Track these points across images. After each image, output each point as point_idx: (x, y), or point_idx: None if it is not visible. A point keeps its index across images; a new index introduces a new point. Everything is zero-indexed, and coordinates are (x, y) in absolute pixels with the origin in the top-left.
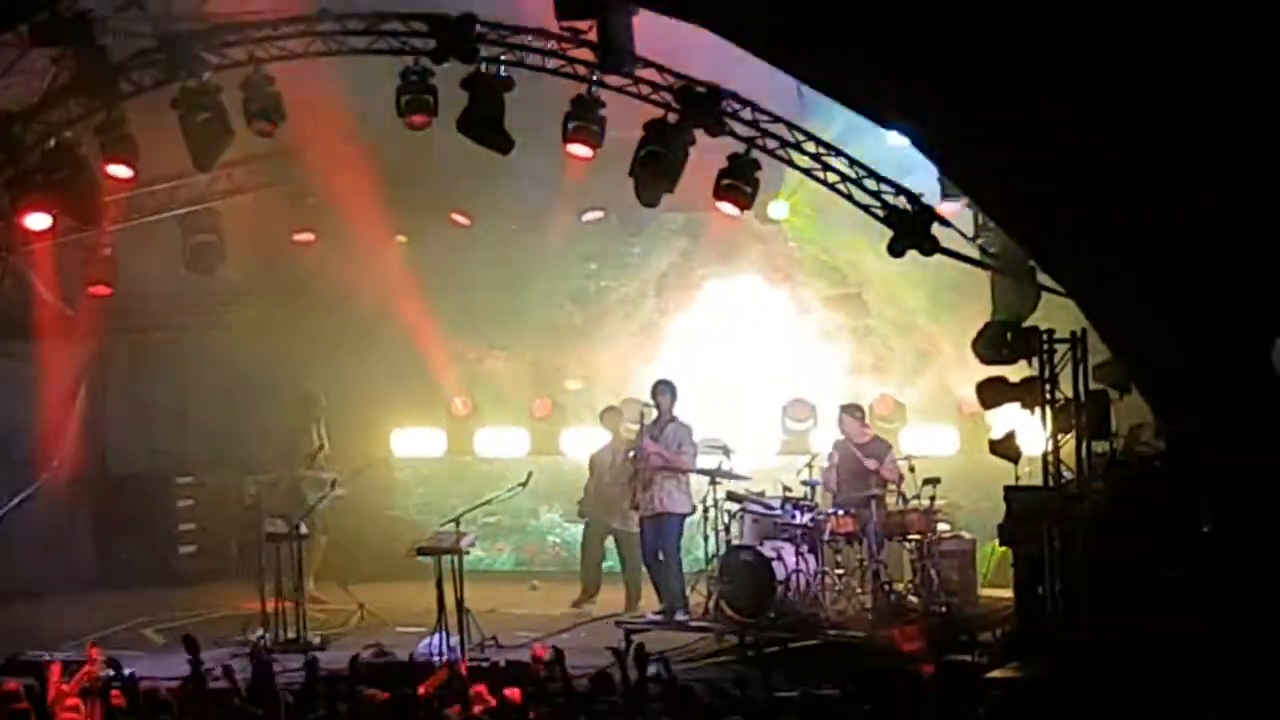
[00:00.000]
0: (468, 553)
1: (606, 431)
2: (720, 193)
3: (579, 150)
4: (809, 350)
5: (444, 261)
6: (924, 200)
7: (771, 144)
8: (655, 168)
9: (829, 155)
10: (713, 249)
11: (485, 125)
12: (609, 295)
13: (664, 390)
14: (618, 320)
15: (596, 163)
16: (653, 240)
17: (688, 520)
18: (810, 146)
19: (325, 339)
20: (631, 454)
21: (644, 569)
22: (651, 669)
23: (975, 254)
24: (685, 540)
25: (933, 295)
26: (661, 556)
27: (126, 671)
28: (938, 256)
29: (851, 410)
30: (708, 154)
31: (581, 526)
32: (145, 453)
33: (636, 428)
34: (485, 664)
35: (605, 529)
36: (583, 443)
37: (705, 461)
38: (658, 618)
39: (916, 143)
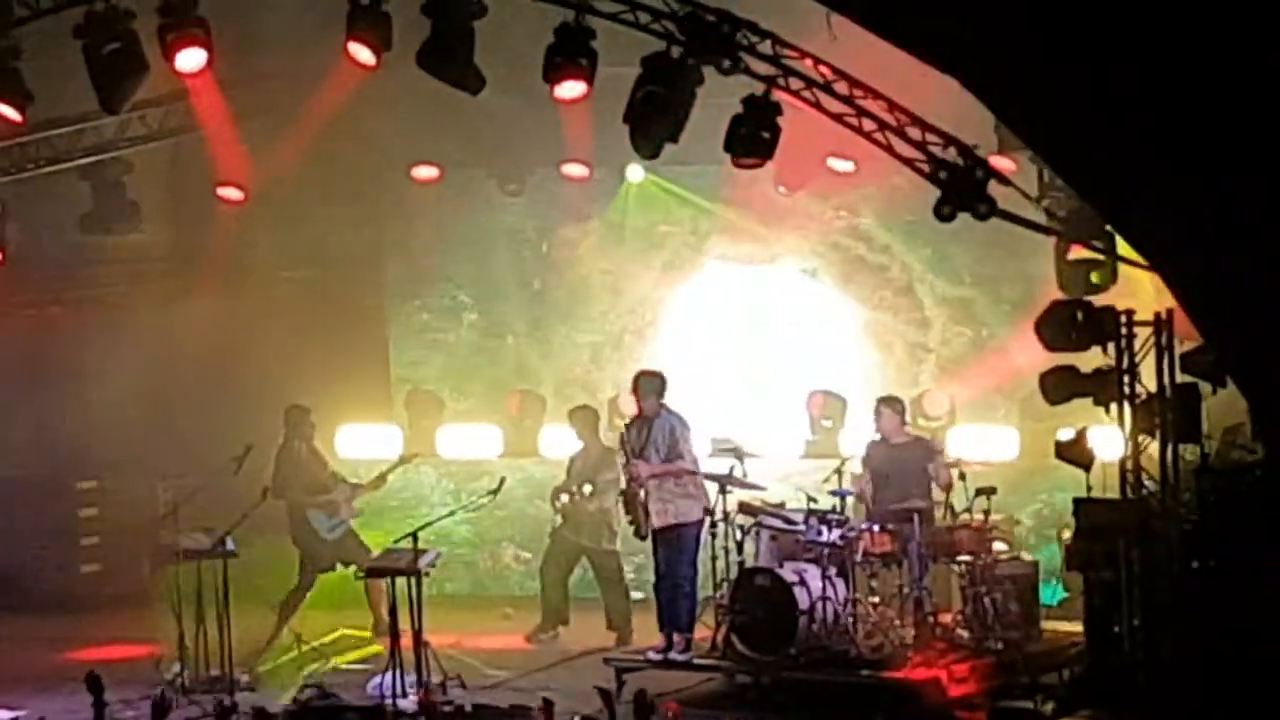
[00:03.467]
0: (427, 574)
1: (578, 437)
2: (734, 144)
3: (566, 90)
4: (837, 335)
5: (402, 223)
6: (978, 153)
7: (796, 84)
8: (655, 112)
9: (865, 98)
10: (723, 213)
11: (451, 59)
12: (599, 265)
13: (647, 385)
14: (610, 296)
15: (585, 108)
16: (651, 200)
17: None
18: (842, 88)
19: (255, 315)
20: (625, 483)
21: (636, 593)
22: None
23: (1040, 218)
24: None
25: (986, 269)
26: (667, 572)
27: (15, 714)
28: (994, 221)
29: (891, 404)
30: (717, 97)
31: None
32: (40, 451)
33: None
34: (448, 709)
35: (575, 546)
36: (566, 442)
37: (714, 466)
38: (658, 656)
39: (969, 83)
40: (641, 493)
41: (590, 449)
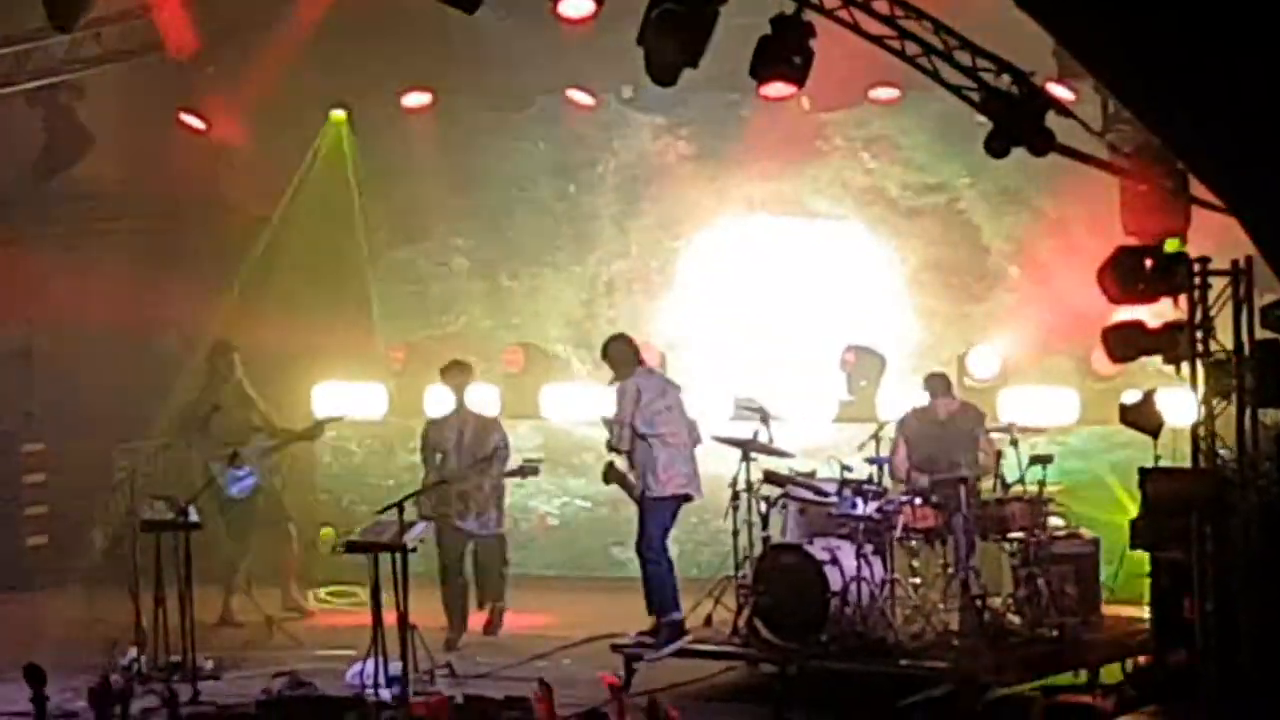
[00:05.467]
0: (414, 549)
1: (450, 394)
2: (761, 68)
3: (572, 7)
4: (875, 284)
5: (391, 155)
6: (1035, 80)
7: (831, 3)
8: (672, 33)
9: (908, 18)
10: (749, 144)
11: None
12: (608, 203)
13: (614, 350)
14: (621, 239)
15: (593, 27)
16: (669, 130)
17: (696, 507)
18: (882, 6)
19: (225, 258)
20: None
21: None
22: None
23: (1104, 154)
24: (706, 535)
25: (1044, 209)
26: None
27: None
28: (1053, 157)
29: (935, 382)
30: (743, 17)
31: None
32: None
33: None
34: (434, 700)
35: (460, 534)
36: (571, 402)
37: (737, 430)
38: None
39: (1023, 2)
40: (618, 462)
41: (464, 411)
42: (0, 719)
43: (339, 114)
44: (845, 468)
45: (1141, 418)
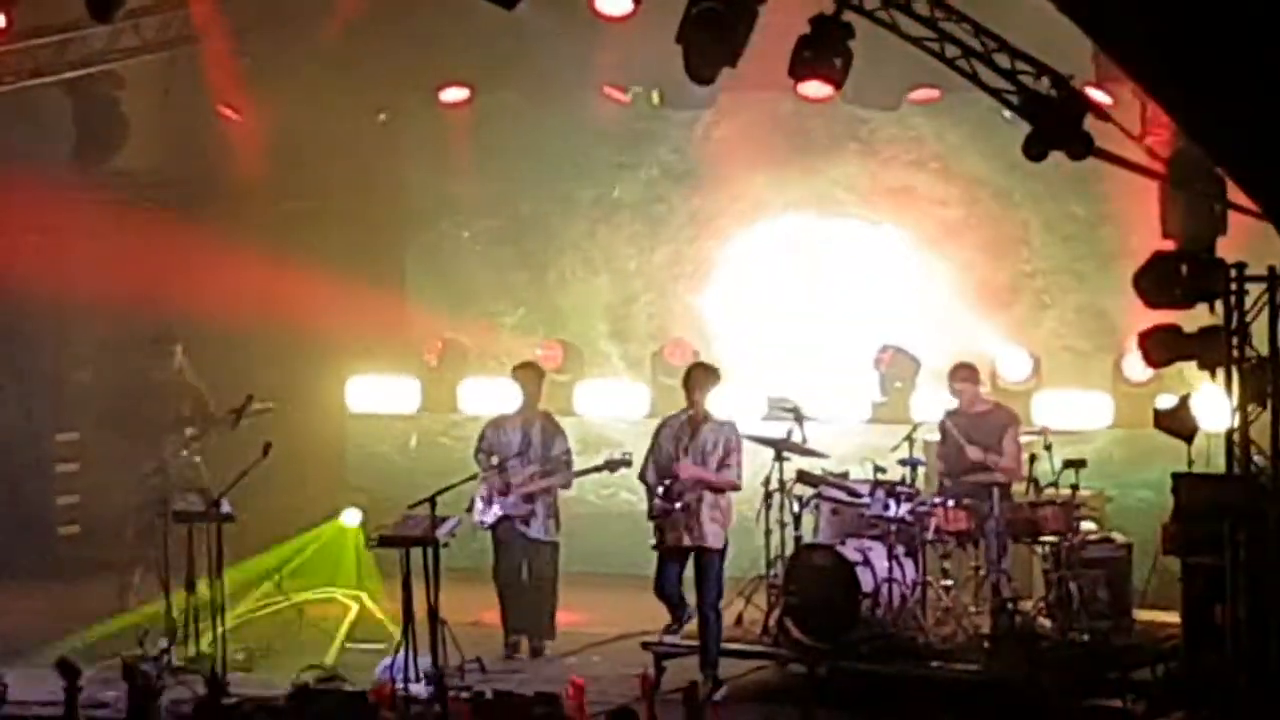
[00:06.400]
0: (446, 544)
1: (519, 393)
2: (800, 68)
3: (610, 5)
4: (911, 284)
5: (428, 150)
6: (1074, 84)
7: (870, 3)
8: (712, 31)
9: (947, 20)
10: (787, 143)
11: None
12: (645, 200)
13: (699, 379)
14: (656, 236)
15: (631, 25)
16: (706, 128)
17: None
18: (922, 8)
19: (257, 249)
20: (665, 483)
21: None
22: None
23: (1142, 159)
24: (738, 534)
25: (1080, 213)
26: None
27: None
28: (1090, 161)
29: (962, 373)
30: (781, 15)
31: None
32: (13, 399)
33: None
34: (465, 694)
35: (524, 540)
36: (605, 399)
37: (770, 430)
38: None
39: (1063, 6)
40: (680, 503)
41: (529, 411)
42: (31, 707)
43: (382, 117)
44: (878, 469)
45: (1176, 423)
